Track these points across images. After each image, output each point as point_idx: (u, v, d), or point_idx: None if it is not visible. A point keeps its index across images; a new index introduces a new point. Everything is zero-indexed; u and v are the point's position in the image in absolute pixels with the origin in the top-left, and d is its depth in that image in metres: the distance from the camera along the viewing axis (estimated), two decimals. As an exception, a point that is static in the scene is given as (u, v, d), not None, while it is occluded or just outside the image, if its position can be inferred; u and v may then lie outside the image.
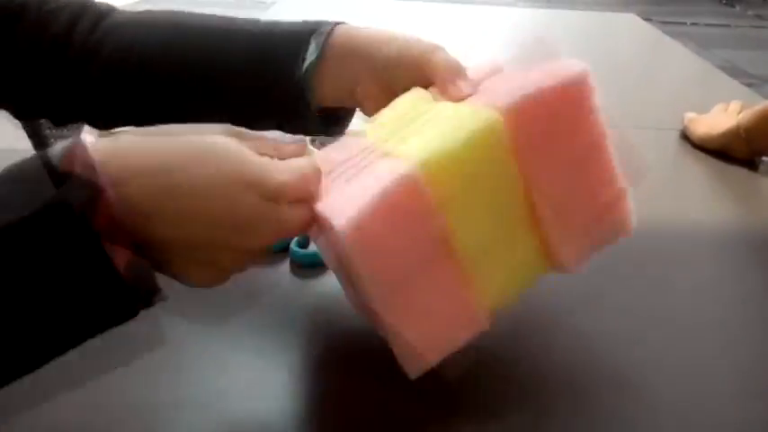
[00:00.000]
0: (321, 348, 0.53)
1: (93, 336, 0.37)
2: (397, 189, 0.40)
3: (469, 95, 0.49)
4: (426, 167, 0.41)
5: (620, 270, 0.64)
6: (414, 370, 0.43)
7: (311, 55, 0.54)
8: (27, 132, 1.15)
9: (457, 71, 0.50)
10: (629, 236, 0.48)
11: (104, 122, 0.62)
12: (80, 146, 0.35)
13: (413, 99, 0.50)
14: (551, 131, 0.44)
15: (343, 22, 0.57)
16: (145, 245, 0.37)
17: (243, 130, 0.42)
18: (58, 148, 0.35)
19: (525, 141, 0.43)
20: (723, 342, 0.56)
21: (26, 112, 0.65)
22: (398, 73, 0.53)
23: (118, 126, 0.63)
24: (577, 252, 0.47)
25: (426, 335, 0.43)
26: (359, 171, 0.44)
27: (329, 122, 0.59)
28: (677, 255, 0.69)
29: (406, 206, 0.41)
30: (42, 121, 1.15)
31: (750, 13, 5.58)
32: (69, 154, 0.35)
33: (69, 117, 0.62)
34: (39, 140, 1.16)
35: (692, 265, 0.67)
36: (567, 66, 0.44)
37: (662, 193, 0.82)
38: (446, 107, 0.48)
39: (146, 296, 0.37)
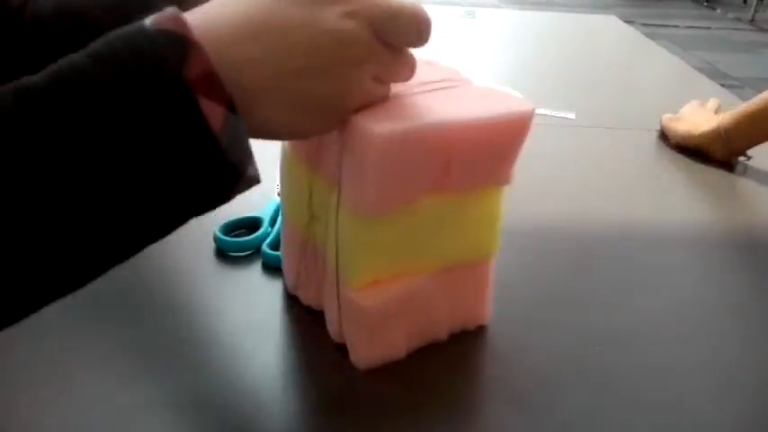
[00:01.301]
0: (293, 350, 0.52)
1: (185, 214, 0.36)
2: None
3: None
4: None
5: (595, 269, 0.64)
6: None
7: None
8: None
9: None
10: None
11: None
12: (171, 10, 0.35)
13: None
14: None
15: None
16: (238, 101, 0.36)
17: None
18: (149, 16, 0.35)
19: None
20: (700, 342, 0.56)
21: None
22: None
23: None
24: None
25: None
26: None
27: None
28: (653, 254, 0.68)
29: None
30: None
31: (730, 15, 5.66)
32: (161, 16, 0.35)
33: None
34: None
35: (669, 265, 0.67)
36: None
37: (639, 192, 0.82)
38: None
39: (239, 164, 0.36)
